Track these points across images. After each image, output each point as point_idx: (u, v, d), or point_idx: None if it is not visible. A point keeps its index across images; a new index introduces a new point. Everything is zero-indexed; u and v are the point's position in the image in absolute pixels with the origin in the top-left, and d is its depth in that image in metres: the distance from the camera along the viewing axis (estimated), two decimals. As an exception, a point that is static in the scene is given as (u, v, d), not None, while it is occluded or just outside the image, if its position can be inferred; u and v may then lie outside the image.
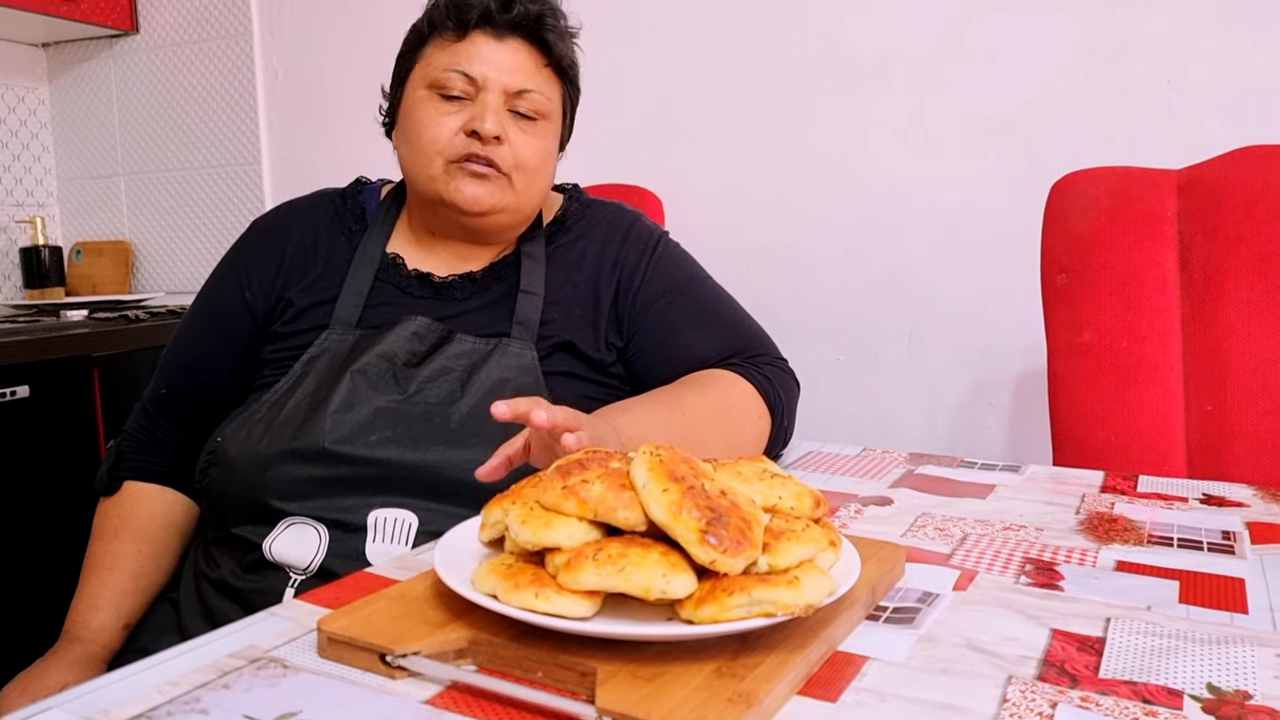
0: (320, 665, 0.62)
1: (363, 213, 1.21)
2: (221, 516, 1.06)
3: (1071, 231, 1.41)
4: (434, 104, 1.11)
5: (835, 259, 2.01)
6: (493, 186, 1.11)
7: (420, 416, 1.03)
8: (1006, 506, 0.99)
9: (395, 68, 1.18)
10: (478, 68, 1.09)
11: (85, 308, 2.47)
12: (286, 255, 1.18)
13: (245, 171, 2.64)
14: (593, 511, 0.63)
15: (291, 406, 1.05)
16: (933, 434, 1.97)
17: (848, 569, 0.66)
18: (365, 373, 1.06)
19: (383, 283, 1.15)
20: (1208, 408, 1.32)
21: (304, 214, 1.22)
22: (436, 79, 1.10)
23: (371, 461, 1.00)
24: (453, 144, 1.10)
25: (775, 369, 1.19)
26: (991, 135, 1.86)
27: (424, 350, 1.09)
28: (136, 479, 1.19)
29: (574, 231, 1.22)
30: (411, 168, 1.13)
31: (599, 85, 2.23)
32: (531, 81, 1.12)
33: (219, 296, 1.20)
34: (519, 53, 1.11)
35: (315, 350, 1.10)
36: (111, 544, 1.15)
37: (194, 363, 1.20)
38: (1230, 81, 1.68)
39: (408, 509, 1.00)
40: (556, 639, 0.60)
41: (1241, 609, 0.71)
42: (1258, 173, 1.34)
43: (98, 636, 1.10)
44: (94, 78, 2.81)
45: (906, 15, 1.91)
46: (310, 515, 1.00)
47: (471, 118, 1.09)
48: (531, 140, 1.12)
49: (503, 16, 1.10)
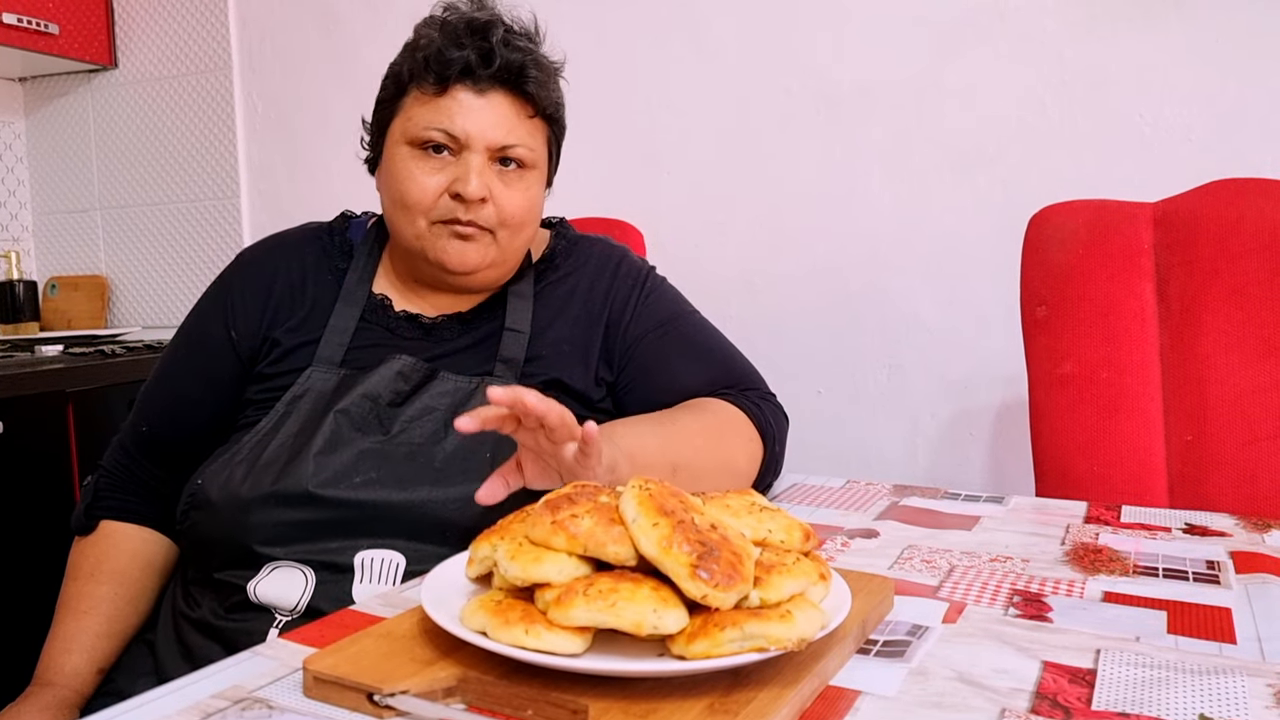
0: (306, 705, 0.61)
1: (350, 249, 1.20)
2: (203, 559, 1.04)
3: (1050, 263, 1.42)
4: (416, 161, 1.08)
5: (815, 290, 2.02)
6: (479, 245, 1.10)
7: (404, 457, 1.02)
8: (992, 538, 0.99)
9: (375, 111, 1.16)
10: (459, 124, 1.07)
11: (60, 343, 2.44)
12: (274, 295, 1.16)
13: (224, 205, 2.64)
14: (582, 546, 0.62)
15: (274, 448, 1.03)
16: (914, 464, 1.98)
17: (839, 602, 0.66)
18: (349, 413, 1.04)
19: (370, 324, 1.14)
20: (1188, 438, 1.33)
21: (291, 251, 1.20)
22: (418, 135, 1.08)
23: (356, 504, 0.99)
24: (436, 206, 1.08)
25: (766, 402, 1.19)
26: (970, 168, 1.88)
27: (408, 390, 1.08)
28: (114, 518, 1.16)
29: (563, 269, 1.21)
30: (396, 221, 1.12)
31: (579, 119, 2.24)
32: (515, 135, 1.09)
33: (203, 333, 1.17)
34: (501, 106, 1.09)
35: (298, 389, 1.08)
36: (87, 585, 1.12)
37: (175, 400, 1.18)
38: (1202, 116, 1.71)
39: (394, 549, 0.99)
40: (547, 676, 0.59)
41: (1230, 639, 0.71)
42: (1231, 206, 1.36)
43: (71, 681, 1.06)
44: (71, 112, 2.80)
45: (886, 50, 1.94)
46: (296, 559, 0.98)
47: (455, 179, 1.07)
48: (516, 195, 1.10)
49: (484, 71, 1.07)
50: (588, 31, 2.19)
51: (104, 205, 2.79)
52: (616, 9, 2.17)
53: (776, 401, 1.22)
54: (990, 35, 1.85)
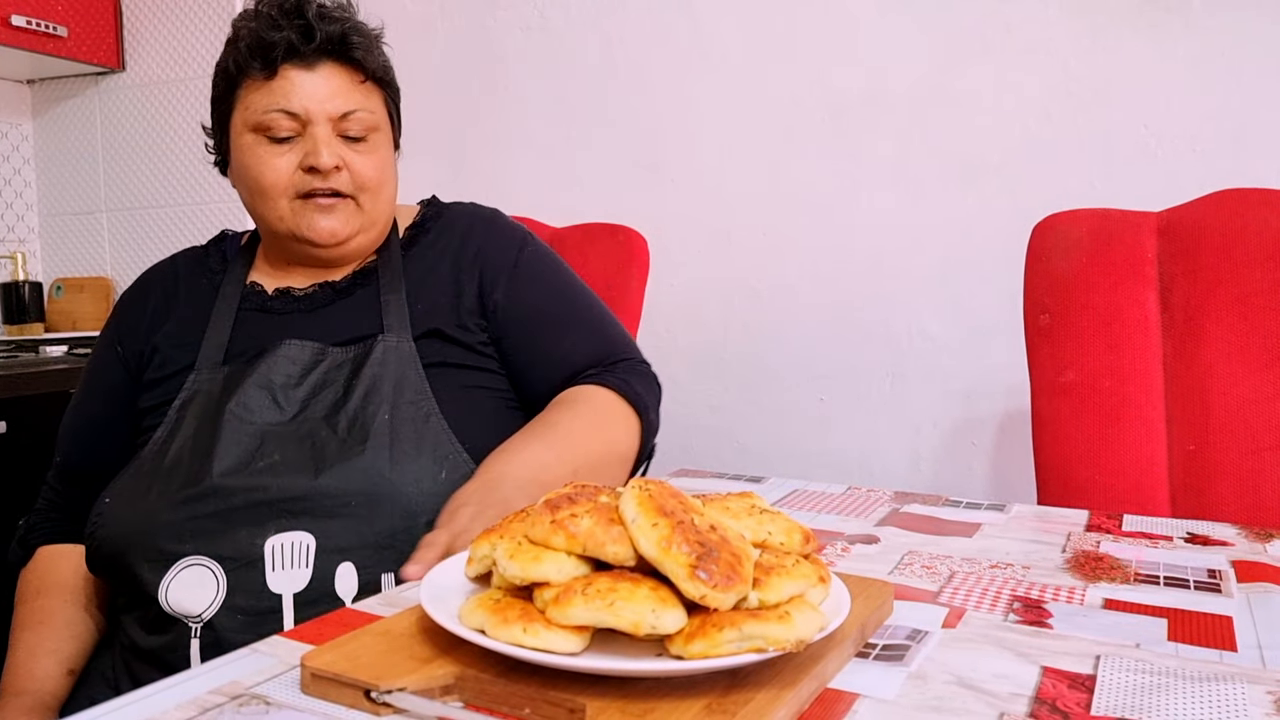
0: (304, 702, 0.60)
1: (224, 258, 1.23)
2: (120, 577, 1.03)
3: (1054, 272, 1.42)
4: (263, 147, 1.11)
5: (819, 298, 2.02)
6: (343, 214, 1.12)
7: (306, 435, 1.02)
8: (993, 545, 0.99)
9: (213, 110, 1.17)
10: (297, 102, 1.09)
11: (65, 344, 2.45)
12: (150, 305, 1.19)
13: (229, 209, 2.64)
14: (581, 546, 0.62)
15: (174, 453, 1.03)
16: (916, 473, 1.97)
17: (838, 605, 0.66)
18: (245, 404, 1.05)
19: (246, 311, 1.16)
20: (1190, 447, 1.33)
21: (164, 268, 1.25)
22: (260, 122, 1.10)
23: (260, 488, 0.98)
24: (293, 182, 1.10)
25: (635, 374, 1.21)
26: (974, 177, 1.88)
27: (300, 371, 1.09)
28: (49, 543, 1.17)
29: (433, 232, 1.23)
30: (258, 209, 1.14)
31: (585, 125, 2.25)
32: (352, 101, 1.12)
33: (97, 358, 1.21)
34: (333, 77, 1.11)
35: (187, 394, 1.09)
36: (38, 601, 1.11)
37: (83, 427, 1.20)
38: (1206, 126, 1.71)
39: (303, 530, 0.97)
40: (545, 675, 0.59)
41: (1230, 647, 0.71)
42: (1235, 215, 1.36)
43: (43, 684, 1.05)
44: (79, 114, 2.81)
45: (891, 60, 1.94)
46: (205, 553, 0.97)
47: (306, 154, 1.10)
48: (367, 159, 1.13)
49: (307, 46, 1.09)
50: (594, 39, 2.20)
51: (110, 207, 2.80)
52: (623, 17, 2.17)
53: (646, 369, 1.24)
54: (996, 45, 1.85)
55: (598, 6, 2.19)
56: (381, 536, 0.97)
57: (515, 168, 2.30)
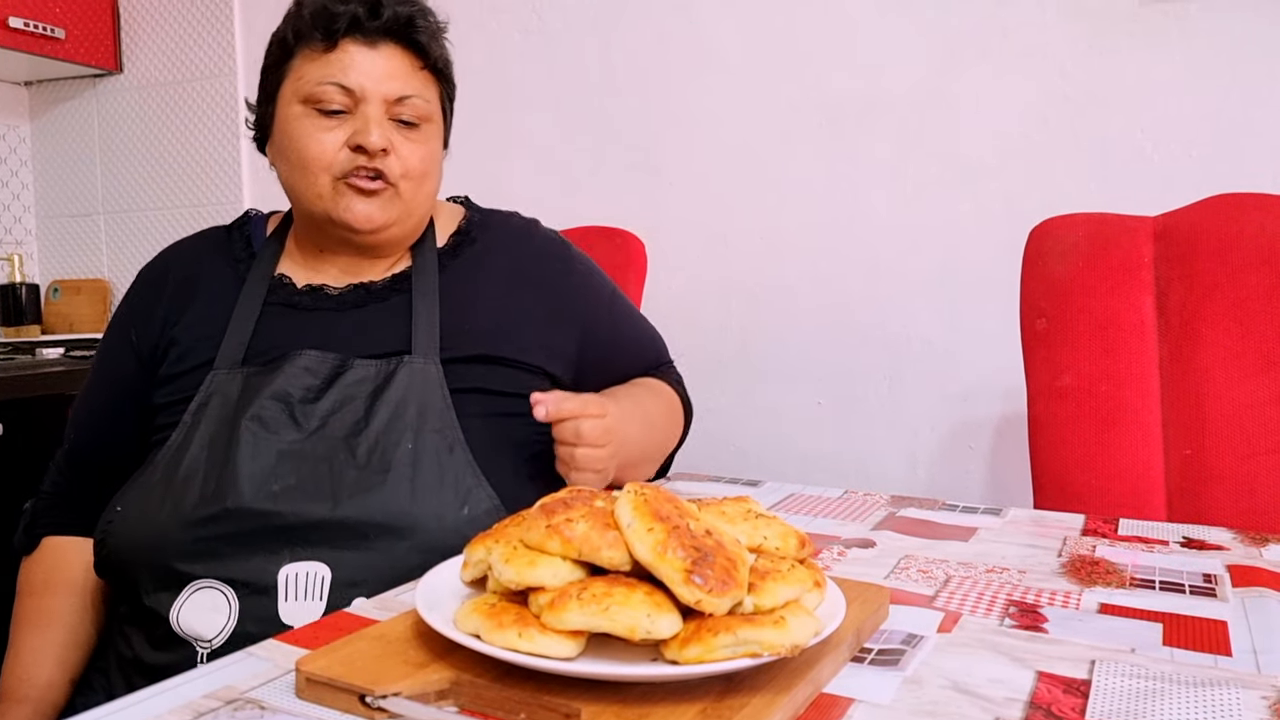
0: (298, 707, 0.60)
1: (249, 243, 1.17)
2: (127, 588, 1.01)
3: (1050, 276, 1.42)
4: (312, 120, 1.06)
5: (816, 302, 2.02)
6: (382, 201, 1.07)
7: (324, 457, 0.98)
8: (989, 549, 0.99)
9: (261, 81, 1.13)
10: (353, 78, 1.05)
11: (62, 346, 2.44)
12: (166, 290, 1.13)
13: (227, 211, 2.64)
14: (577, 551, 0.62)
15: (188, 464, 0.99)
16: (913, 477, 1.97)
17: (833, 610, 0.66)
18: (261, 419, 1.00)
19: (272, 305, 1.10)
20: (1186, 451, 1.33)
21: (185, 248, 1.19)
22: (311, 93, 1.05)
23: (275, 514, 0.95)
24: (337, 160, 1.05)
25: (677, 374, 1.32)
26: (971, 181, 1.88)
27: (319, 384, 1.04)
28: (55, 534, 1.14)
29: (480, 243, 1.19)
30: (296, 186, 1.09)
31: (583, 127, 2.25)
32: (410, 86, 1.08)
33: (109, 345, 1.16)
34: (393, 58, 1.07)
35: (203, 396, 1.04)
36: (43, 599, 1.09)
37: (94, 414, 1.16)
38: (1202, 131, 1.71)
39: (319, 560, 0.95)
40: (540, 679, 0.59)
41: (1225, 651, 0.71)
42: (1231, 220, 1.36)
43: (46, 694, 1.03)
44: (76, 116, 2.81)
45: (888, 63, 1.94)
46: (218, 577, 0.94)
47: (355, 132, 1.05)
48: (417, 147, 1.09)
49: (372, 23, 1.05)
50: (592, 42, 2.20)
51: (107, 209, 2.80)
52: (621, 20, 2.18)
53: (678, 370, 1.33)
54: (993, 50, 1.86)
55: (596, 10, 2.19)
56: (398, 571, 0.93)
57: (512, 170, 2.30)
